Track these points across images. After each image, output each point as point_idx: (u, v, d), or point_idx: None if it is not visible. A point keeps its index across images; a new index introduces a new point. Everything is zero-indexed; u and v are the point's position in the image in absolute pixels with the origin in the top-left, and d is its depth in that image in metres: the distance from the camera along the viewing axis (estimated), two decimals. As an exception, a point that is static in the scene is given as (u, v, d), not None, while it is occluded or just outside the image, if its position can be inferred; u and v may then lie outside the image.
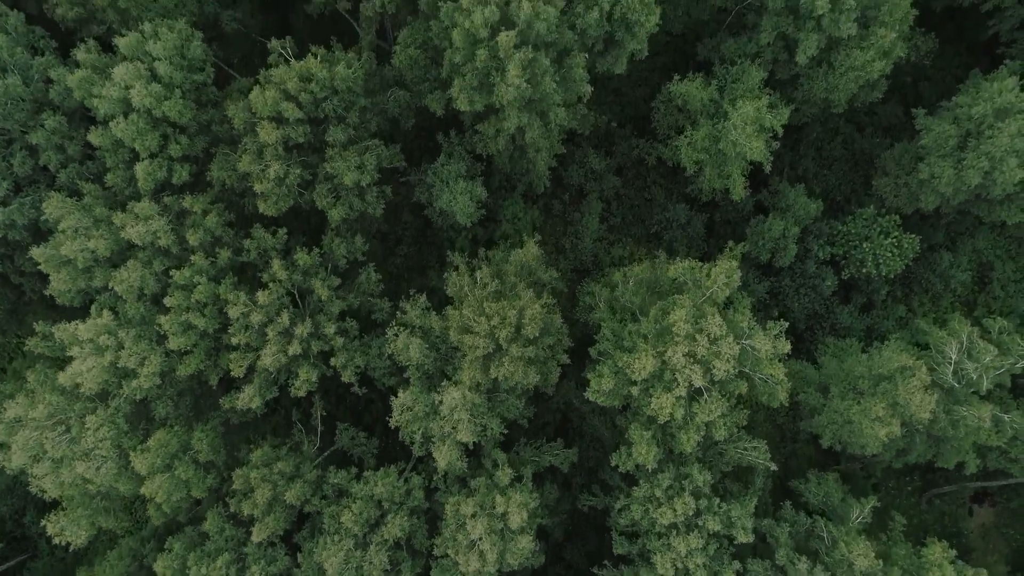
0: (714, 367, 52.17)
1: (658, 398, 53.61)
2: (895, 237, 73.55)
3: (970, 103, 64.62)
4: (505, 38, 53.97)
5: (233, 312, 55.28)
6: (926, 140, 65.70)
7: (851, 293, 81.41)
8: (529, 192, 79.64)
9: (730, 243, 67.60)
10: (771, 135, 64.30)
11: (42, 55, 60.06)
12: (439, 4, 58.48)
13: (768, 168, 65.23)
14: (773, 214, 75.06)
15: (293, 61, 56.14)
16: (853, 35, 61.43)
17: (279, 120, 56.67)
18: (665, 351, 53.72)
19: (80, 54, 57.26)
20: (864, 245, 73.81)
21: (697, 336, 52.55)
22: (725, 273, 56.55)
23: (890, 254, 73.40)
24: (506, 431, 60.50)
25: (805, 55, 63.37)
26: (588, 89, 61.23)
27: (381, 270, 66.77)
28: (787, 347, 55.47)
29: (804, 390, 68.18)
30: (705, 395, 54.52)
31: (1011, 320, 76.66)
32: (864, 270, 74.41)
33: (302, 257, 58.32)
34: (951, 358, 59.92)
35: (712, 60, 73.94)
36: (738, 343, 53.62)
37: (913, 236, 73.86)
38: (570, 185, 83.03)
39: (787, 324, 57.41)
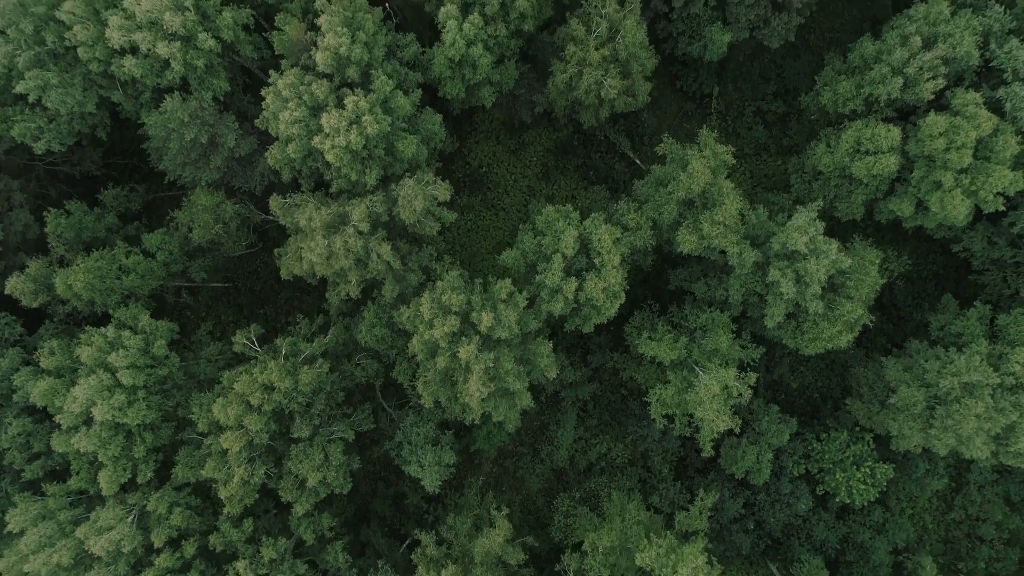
0: None
1: None
2: (868, 466, 73.43)
3: (942, 325, 65.78)
4: (466, 351, 53.98)
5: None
6: (895, 399, 65.49)
7: (828, 499, 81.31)
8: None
9: (700, 495, 67.56)
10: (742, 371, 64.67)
11: (11, 345, 60.14)
12: (401, 306, 58.42)
13: (737, 429, 65.19)
14: (747, 438, 74.96)
15: (256, 371, 55.98)
16: (820, 312, 61.27)
17: (243, 424, 56.69)
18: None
19: (44, 359, 57.24)
20: (838, 474, 73.70)
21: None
22: (691, 570, 56.57)
23: (864, 485, 73.28)
24: None
25: (773, 320, 63.31)
26: (555, 370, 61.25)
27: (351, 532, 66.72)
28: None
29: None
30: None
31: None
32: (838, 499, 74.30)
33: (268, 552, 58.30)
34: None
35: (684, 289, 74.08)
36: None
37: (887, 465, 73.70)
38: (546, 389, 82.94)
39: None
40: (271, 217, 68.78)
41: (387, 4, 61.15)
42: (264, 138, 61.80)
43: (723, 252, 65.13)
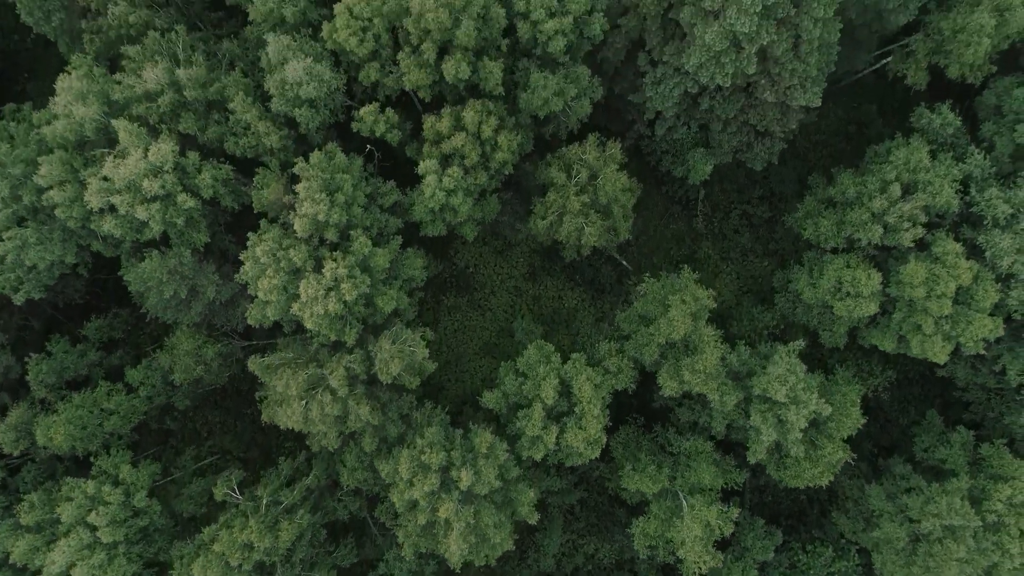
0: None
1: None
2: (853, 585, 73.54)
3: (926, 447, 67.04)
4: (446, 510, 54.09)
5: None
6: (877, 533, 65.52)
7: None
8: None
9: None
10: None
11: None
12: (382, 451, 58.51)
13: (719, 565, 65.26)
14: (732, 553, 74.95)
15: (235, 528, 56.00)
16: (801, 456, 61.33)
17: (224, 578, 56.72)
18: None
19: (23, 515, 57.28)
20: (823, 595, 73.83)
21: None
22: None
23: (848, 604, 73.39)
24: None
25: (754, 457, 63.40)
26: (536, 517, 61.33)
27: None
28: None
29: None
30: None
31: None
32: (823, 619, 74.43)
33: None
34: None
35: (669, 406, 74.00)
36: None
37: (871, 584, 73.80)
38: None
39: None
40: (254, 343, 68.92)
41: (369, 145, 61.06)
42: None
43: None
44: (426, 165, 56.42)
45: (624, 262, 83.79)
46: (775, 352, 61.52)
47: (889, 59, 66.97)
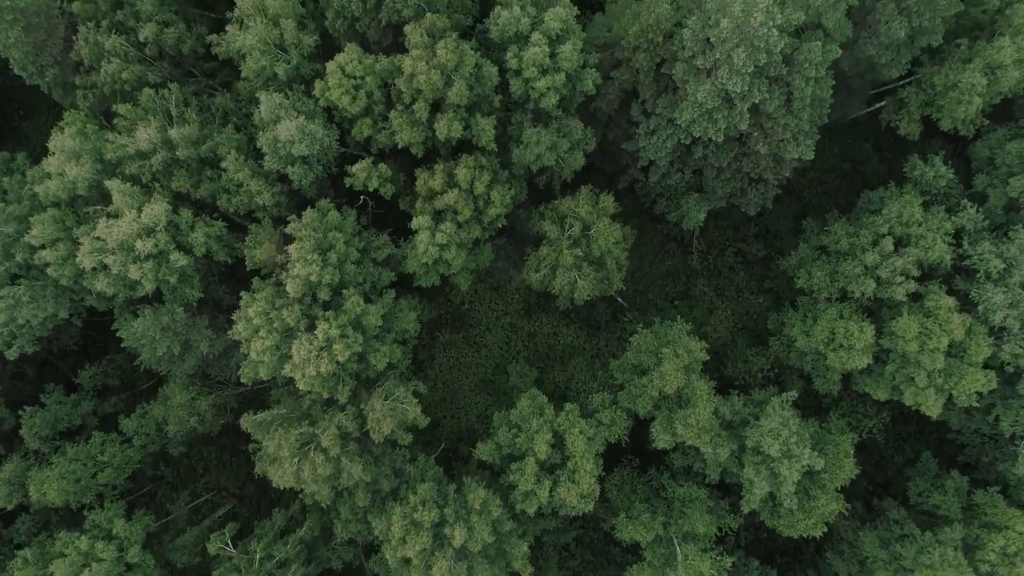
0: None
1: None
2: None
3: (920, 491, 67.66)
4: (439, 569, 54.17)
5: None
6: (872, 582, 65.65)
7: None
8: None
9: None
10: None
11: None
12: (375, 503, 58.58)
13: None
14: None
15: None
16: (794, 508, 61.38)
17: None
18: None
19: (17, 571, 57.38)
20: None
21: None
22: None
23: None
24: None
25: (748, 507, 63.49)
26: (529, 570, 61.37)
27: None
28: None
29: None
30: None
31: None
32: (818, 659, 74.45)
33: None
34: None
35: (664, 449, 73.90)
36: None
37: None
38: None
39: None
40: (248, 386, 68.91)
41: (363, 196, 61.10)
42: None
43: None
44: (419, 221, 56.45)
45: (620, 299, 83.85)
46: (768, 403, 61.53)
47: (883, 102, 67.03)
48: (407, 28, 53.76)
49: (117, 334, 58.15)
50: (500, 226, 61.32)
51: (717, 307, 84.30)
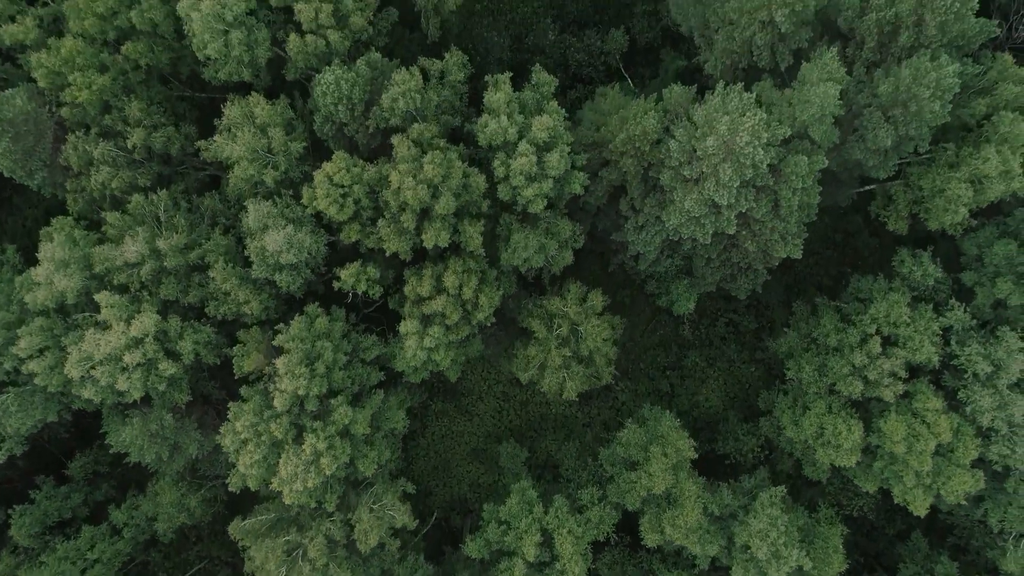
0: None
1: None
2: None
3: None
4: None
5: None
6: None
7: None
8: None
9: None
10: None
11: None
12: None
13: None
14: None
15: None
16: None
17: None
18: None
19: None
20: None
21: None
22: None
23: None
24: None
25: (736, 586, 63.53)
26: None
27: None
28: None
29: None
30: None
31: None
32: None
33: None
34: None
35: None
36: None
37: None
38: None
39: None
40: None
41: (352, 294, 61.16)
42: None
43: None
44: (407, 326, 56.58)
45: (612, 369, 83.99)
46: (757, 499, 61.60)
47: (873, 186, 67.10)
48: (395, 139, 53.88)
49: (106, 440, 58.22)
50: (489, 323, 61.47)
51: (709, 377, 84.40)
